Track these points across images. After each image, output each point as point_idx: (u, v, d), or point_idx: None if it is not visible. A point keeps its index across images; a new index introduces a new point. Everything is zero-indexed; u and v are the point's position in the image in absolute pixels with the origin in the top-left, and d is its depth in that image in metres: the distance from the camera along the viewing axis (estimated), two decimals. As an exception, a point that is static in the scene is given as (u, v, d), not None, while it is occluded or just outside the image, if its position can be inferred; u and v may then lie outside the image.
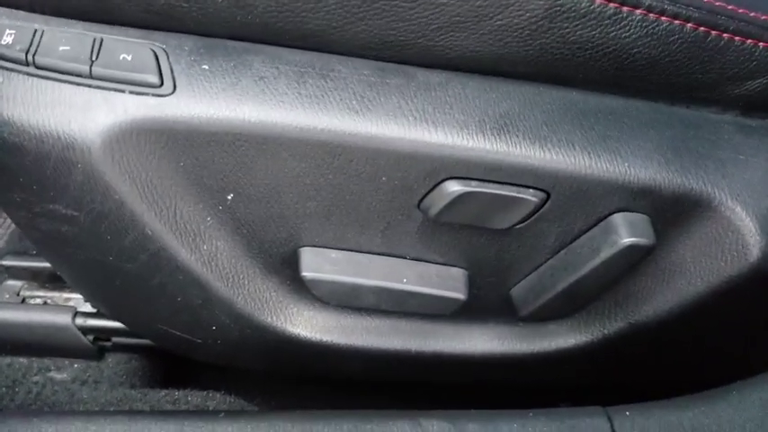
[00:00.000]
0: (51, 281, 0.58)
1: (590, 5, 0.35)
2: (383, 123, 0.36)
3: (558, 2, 0.34)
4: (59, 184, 0.36)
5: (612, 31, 0.36)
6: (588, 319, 0.46)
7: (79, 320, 0.53)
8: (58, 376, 0.56)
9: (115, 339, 0.55)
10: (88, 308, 0.55)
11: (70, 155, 0.34)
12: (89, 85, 0.34)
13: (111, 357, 0.57)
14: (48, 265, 0.57)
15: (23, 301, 0.57)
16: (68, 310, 0.54)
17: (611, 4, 0.35)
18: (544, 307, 0.43)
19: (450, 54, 0.37)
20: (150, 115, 0.34)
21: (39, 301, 0.57)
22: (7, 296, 0.58)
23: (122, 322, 0.51)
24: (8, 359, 0.56)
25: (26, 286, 0.59)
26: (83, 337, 0.53)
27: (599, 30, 0.36)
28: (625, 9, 0.35)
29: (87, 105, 0.34)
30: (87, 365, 0.57)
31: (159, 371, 0.59)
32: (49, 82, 0.34)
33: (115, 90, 0.34)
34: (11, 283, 0.59)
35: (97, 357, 0.56)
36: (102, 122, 0.34)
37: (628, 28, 0.36)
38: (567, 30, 0.35)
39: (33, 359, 0.56)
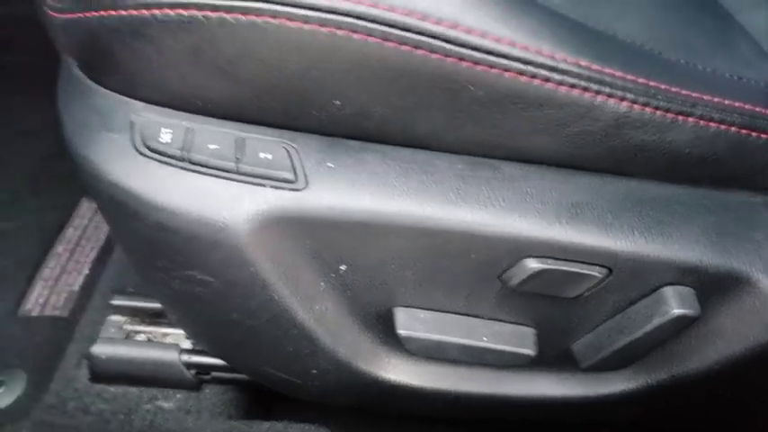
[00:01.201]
0: (150, 317, 0.65)
1: (652, 116, 0.41)
2: (475, 212, 0.42)
3: (626, 114, 0.40)
4: (203, 257, 0.42)
5: (669, 136, 0.42)
6: (637, 371, 0.52)
7: (184, 357, 0.60)
8: (165, 405, 0.62)
9: (214, 373, 0.62)
10: (188, 344, 0.61)
11: (219, 237, 0.40)
12: (236, 180, 0.40)
13: (209, 389, 0.64)
14: (149, 304, 0.63)
15: (127, 335, 0.64)
16: (174, 347, 0.60)
17: (669, 115, 0.41)
18: (602, 361, 0.49)
19: (531, 152, 0.43)
20: (287, 207, 0.40)
21: (143, 336, 0.63)
22: (113, 330, 0.64)
23: (227, 361, 0.58)
24: (121, 389, 0.63)
25: (128, 321, 0.65)
26: (186, 371, 0.60)
27: (658, 135, 0.42)
28: (680, 118, 0.41)
29: (235, 197, 0.40)
30: (188, 395, 0.63)
31: (252, 402, 0.65)
32: (203, 176, 0.40)
33: (258, 185, 0.40)
34: (114, 318, 0.65)
35: (196, 388, 0.63)
36: (247, 212, 0.40)
37: (682, 133, 0.42)
38: (632, 135, 0.42)
39: (142, 389, 0.63)
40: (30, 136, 1.08)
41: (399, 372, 0.51)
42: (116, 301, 0.63)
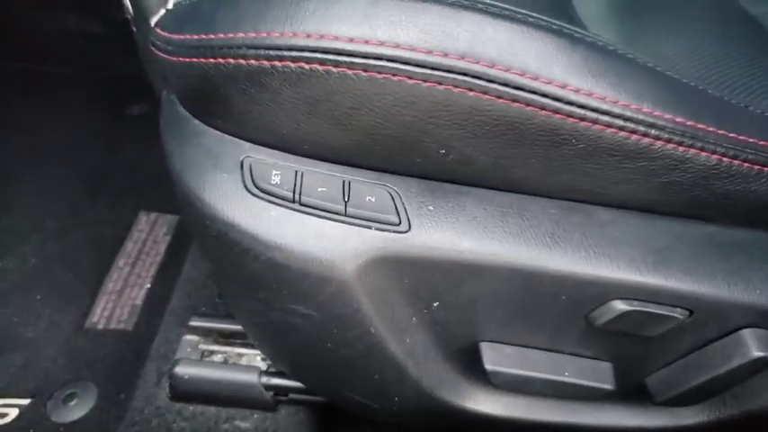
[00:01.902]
0: (223, 337, 0.67)
1: (739, 168, 0.42)
2: (568, 255, 0.44)
3: (715, 166, 0.42)
4: (311, 292, 0.44)
5: (753, 186, 0.44)
6: (710, 405, 0.54)
7: (264, 379, 0.62)
8: (242, 425, 0.64)
9: (291, 395, 0.64)
10: (263, 365, 0.63)
11: (328, 274, 0.42)
12: (344, 222, 0.42)
13: (284, 410, 0.66)
14: (223, 325, 0.65)
15: (202, 355, 0.66)
16: (255, 370, 0.62)
17: (756, 166, 0.43)
18: (677, 396, 0.50)
19: (620, 199, 0.45)
20: (391, 247, 0.42)
21: (219, 357, 0.66)
22: (189, 350, 0.67)
23: (307, 385, 0.60)
24: (200, 408, 0.65)
25: (202, 341, 0.67)
26: (265, 393, 0.62)
27: (743, 185, 0.43)
28: (765, 169, 0.43)
29: (344, 238, 0.42)
30: (264, 416, 0.65)
31: (325, 423, 0.67)
32: (312, 217, 0.42)
33: (364, 227, 0.42)
34: (189, 337, 0.68)
35: (272, 409, 0.65)
36: (354, 251, 0.42)
37: (764, 182, 0.44)
38: (718, 185, 0.43)
39: (220, 409, 0.65)
40: (83, 149, 1.11)
41: (478, 401, 0.53)
42: (194, 323, 0.66)
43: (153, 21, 0.48)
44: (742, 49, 0.59)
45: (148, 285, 0.87)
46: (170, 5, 0.48)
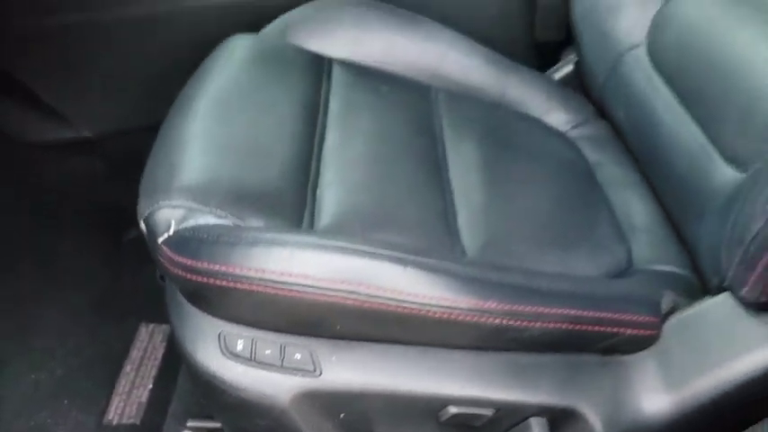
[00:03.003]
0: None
1: (512, 324, 0.62)
2: (420, 381, 0.69)
3: (500, 325, 0.67)
4: (264, 414, 0.69)
5: (527, 333, 0.66)
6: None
7: (240, 461, 0.88)
8: None
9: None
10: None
11: (274, 403, 0.66)
12: (281, 372, 0.66)
13: None
14: (210, 424, 0.91)
15: (196, 446, 0.91)
16: (234, 455, 0.88)
17: (524, 323, 0.67)
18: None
19: (452, 343, 0.70)
20: (310, 386, 0.66)
21: (209, 449, 0.91)
22: (188, 445, 0.92)
23: None
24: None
25: (195, 435, 0.93)
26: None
27: (519, 333, 0.67)
28: (531, 324, 0.67)
29: (282, 381, 0.67)
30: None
31: None
32: (262, 370, 0.68)
33: (293, 374, 0.67)
34: (187, 433, 0.93)
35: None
36: (289, 389, 0.67)
37: (534, 331, 0.65)
38: (507, 334, 0.67)
39: None
40: (90, 272, 1.34)
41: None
42: (190, 423, 0.91)
43: (160, 239, 0.73)
44: (565, 207, 0.88)
45: (150, 386, 1.11)
46: (171, 232, 0.74)
